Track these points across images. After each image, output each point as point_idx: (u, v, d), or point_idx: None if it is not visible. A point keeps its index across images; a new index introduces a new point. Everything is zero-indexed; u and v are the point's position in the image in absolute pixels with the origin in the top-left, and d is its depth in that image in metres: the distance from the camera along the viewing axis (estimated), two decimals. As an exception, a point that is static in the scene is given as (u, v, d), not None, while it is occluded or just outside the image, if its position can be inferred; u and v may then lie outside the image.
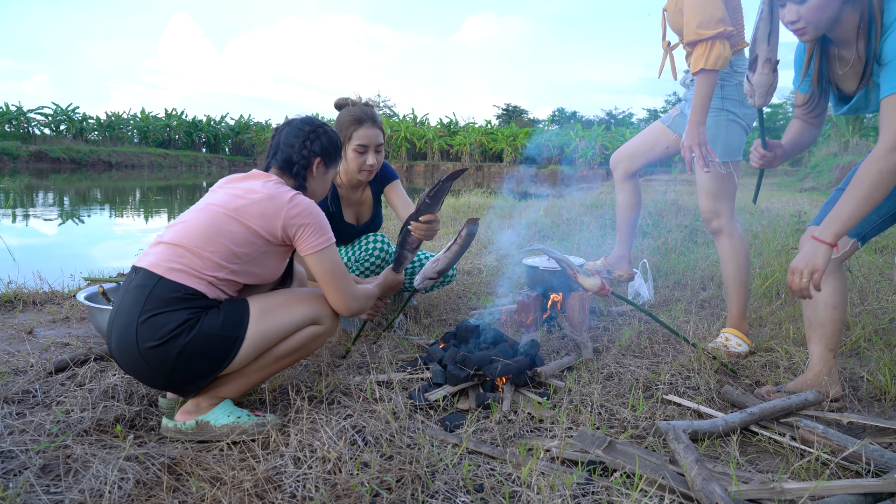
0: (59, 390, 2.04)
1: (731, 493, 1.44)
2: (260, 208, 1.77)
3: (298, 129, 1.97)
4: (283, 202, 1.79)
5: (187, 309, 1.68)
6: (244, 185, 1.84)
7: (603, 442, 1.67)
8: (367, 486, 1.50)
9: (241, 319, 1.75)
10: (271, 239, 1.80)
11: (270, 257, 1.84)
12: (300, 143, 1.95)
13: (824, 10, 1.65)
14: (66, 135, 27.52)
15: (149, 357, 1.65)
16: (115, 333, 1.69)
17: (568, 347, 2.63)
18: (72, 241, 6.84)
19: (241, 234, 1.76)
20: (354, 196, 2.85)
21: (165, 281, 1.68)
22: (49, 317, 3.03)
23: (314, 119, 2.03)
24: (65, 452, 1.64)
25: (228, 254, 1.74)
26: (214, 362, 1.72)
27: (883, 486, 1.42)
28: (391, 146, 32.26)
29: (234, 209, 1.77)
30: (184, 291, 1.68)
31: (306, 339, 1.88)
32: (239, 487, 1.49)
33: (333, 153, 2.03)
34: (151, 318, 1.65)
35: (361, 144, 2.59)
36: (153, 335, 1.64)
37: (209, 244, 1.73)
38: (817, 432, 1.76)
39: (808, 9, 1.67)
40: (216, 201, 1.80)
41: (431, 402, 2.04)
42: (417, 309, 3.17)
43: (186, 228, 1.76)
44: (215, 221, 1.75)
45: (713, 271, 4.04)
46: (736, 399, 2.07)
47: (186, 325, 1.66)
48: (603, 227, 5.65)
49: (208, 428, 1.76)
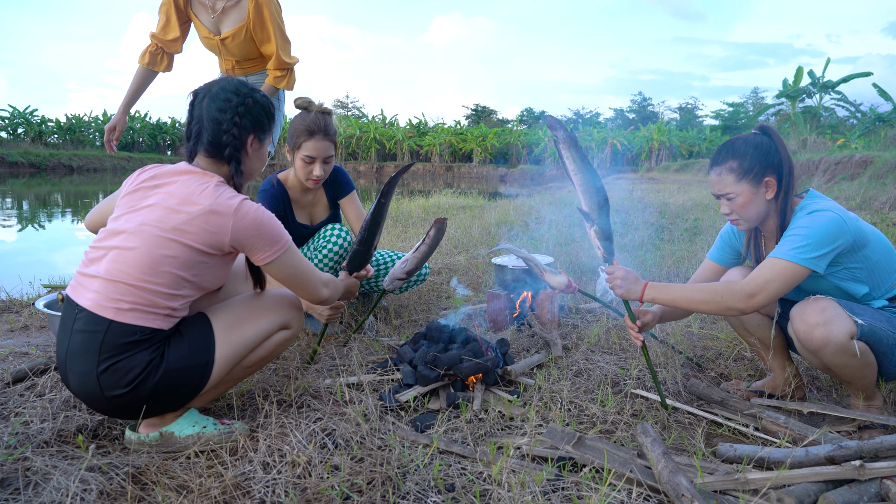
0: (17, 401, 1.98)
1: (697, 485, 1.47)
2: (202, 224, 1.56)
3: (224, 101, 1.65)
4: (228, 215, 1.57)
5: (148, 349, 1.57)
6: (178, 191, 1.59)
7: (572, 438, 1.69)
8: (338, 489, 1.49)
9: (207, 343, 1.66)
10: (217, 253, 1.62)
11: (219, 268, 1.68)
12: (228, 120, 1.64)
13: (751, 208, 1.88)
14: (24, 138, 26.78)
15: (120, 403, 1.58)
16: (74, 380, 1.57)
17: (538, 345, 2.65)
18: (31, 248, 6.65)
19: (186, 257, 1.56)
20: (306, 198, 2.83)
21: (117, 325, 1.53)
22: (7, 326, 2.94)
23: (240, 84, 1.70)
24: (24, 465, 1.59)
25: (176, 281, 1.57)
26: (190, 391, 1.66)
27: (841, 473, 1.46)
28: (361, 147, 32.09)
29: (171, 228, 1.55)
30: (140, 333, 1.54)
31: (276, 346, 1.84)
32: (206, 495, 1.46)
33: (267, 123, 1.75)
34: (111, 367, 1.54)
35: (309, 156, 2.56)
36: (118, 383, 1.55)
37: (153, 276, 1.54)
38: (780, 423, 1.81)
39: (737, 205, 1.89)
40: (150, 220, 1.56)
41: (402, 403, 2.03)
42: (387, 310, 3.16)
43: (123, 260, 1.55)
44: (154, 248, 1.54)
45: (679, 267, 4.12)
46: (702, 392, 2.11)
47: (151, 365, 1.57)
48: (571, 225, 5.71)
49: (173, 439, 1.71)
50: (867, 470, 1.45)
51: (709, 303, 1.80)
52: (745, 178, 1.85)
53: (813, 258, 1.72)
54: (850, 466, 1.46)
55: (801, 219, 1.79)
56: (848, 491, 1.43)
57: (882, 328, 1.78)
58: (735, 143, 1.89)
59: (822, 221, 1.75)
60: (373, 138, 32.38)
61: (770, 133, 1.89)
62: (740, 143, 1.88)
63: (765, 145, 1.86)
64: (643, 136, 31.19)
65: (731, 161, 1.87)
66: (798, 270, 1.73)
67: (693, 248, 4.80)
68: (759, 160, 1.84)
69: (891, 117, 16.83)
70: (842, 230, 1.74)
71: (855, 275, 1.84)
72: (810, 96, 20.17)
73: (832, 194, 9.91)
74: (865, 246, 1.80)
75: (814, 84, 19.62)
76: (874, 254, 1.82)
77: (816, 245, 1.72)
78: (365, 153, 32.58)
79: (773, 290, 1.74)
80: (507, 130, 35.28)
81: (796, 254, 1.73)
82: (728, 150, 1.89)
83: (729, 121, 34.96)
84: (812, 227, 1.74)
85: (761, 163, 1.84)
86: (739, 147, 1.87)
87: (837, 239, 1.74)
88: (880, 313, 1.82)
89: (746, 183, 1.85)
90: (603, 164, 28.19)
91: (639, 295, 1.90)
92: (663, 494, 1.49)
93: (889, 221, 6.38)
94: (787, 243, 1.76)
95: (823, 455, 1.53)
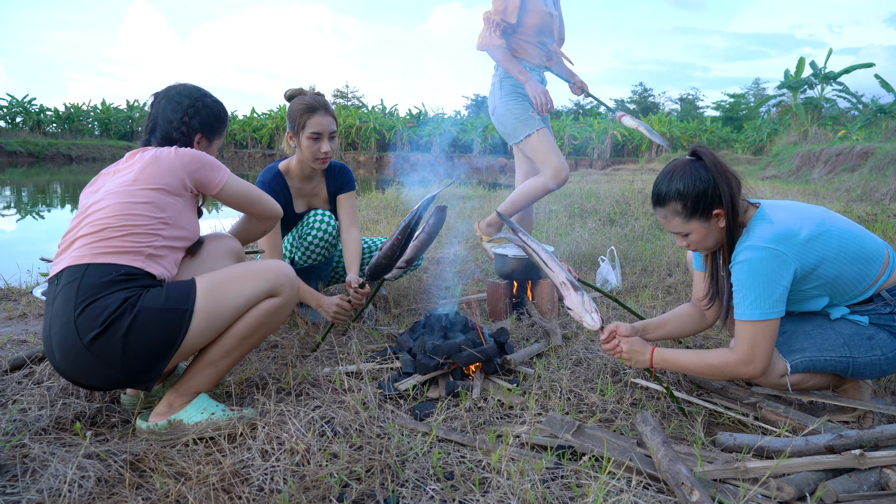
0: (15, 388, 1.98)
1: (696, 474, 1.47)
2: (154, 169, 1.71)
3: (177, 104, 1.86)
4: (170, 155, 1.74)
5: (126, 289, 1.58)
6: (127, 164, 1.77)
7: (572, 426, 1.68)
8: (336, 476, 1.48)
9: (187, 293, 1.65)
10: (182, 192, 1.75)
11: (188, 213, 1.79)
12: (178, 119, 1.85)
13: (708, 240, 1.84)
14: (23, 127, 26.70)
15: (95, 350, 1.54)
16: (56, 341, 1.57)
17: (537, 335, 2.64)
18: (30, 237, 6.64)
19: (156, 199, 1.69)
20: (307, 187, 2.81)
21: (94, 266, 1.58)
22: (5, 314, 2.93)
23: (194, 89, 1.92)
24: (21, 452, 1.59)
25: (154, 221, 1.67)
26: (167, 340, 1.61)
27: (841, 462, 1.46)
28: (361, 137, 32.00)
29: (132, 181, 1.70)
30: (117, 273, 1.58)
31: (266, 314, 1.77)
32: (205, 482, 1.46)
33: (216, 126, 1.94)
34: (87, 307, 1.54)
35: (315, 132, 2.58)
36: (93, 323, 1.53)
37: (132, 219, 1.64)
38: (779, 412, 1.81)
39: (693, 241, 1.85)
40: (111, 188, 1.71)
41: (401, 391, 2.03)
42: (387, 299, 3.15)
43: (97, 218, 1.65)
44: (125, 199, 1.67)
45: (679, 258, 4.11)
46: (700, 380, 2.10)
47: (127, 303, 1.56)
48: (571, 215, 5.69)
49: (182, 427, 1.70)
50: (867, 459, 1.44)
51: (712, 374, 1.82)
52: (693, 216, 1.78)
53: (770, 307, 1.70)
54: (850, 455, 1.46)
55: (739, 269, 1.74)
56: (848, 480, 1.43)
57: (827, 357, 1.78)
58: (672, 182, 1.79)
59: (757, 268, 1.70)
60: (372, 128, 32.23)
61: (704, 157, 1.78)
62: (677, 181, 1.78)
63: (703, 178, 1.75)
64: (644, 126, 31.01)
65: (674, 203, 1.79)
66: (768, 324, 1.71)
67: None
68: (702, 197, 1.75)
69: (892, 108, 16.77)
70: (782, 262, 1.69)
71: (810, 294, 1.81)
72: (812, 87, 20.07)
73: (832, 186, 9.90)
74: (819, 266, 1.73)
75: (815, 75, 19.52)
76: (832, 269, 1.74)
77: (765, 293, 1.69)
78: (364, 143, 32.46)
79: (762, 351, 1.73)
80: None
81: (754, 310, 1.71)
82: (667, 192, 1.80)
83: (730, 112, 34.84)
84: (752, 278, 1.70)
85: (705, 199, 1.75)
86: (678, 186, 1.77)
87: (781, 275, 1.69)
88: (833, 333, 1.80)
89: (696, 221, 1.79)
90: (603, 155, 28.11)
91: (647, 362, 1.87)
92: (663, 483, 1.49)
93: (890, 212, 6.37)
94: (742, 302, 1.73)
95: (823, 444, 1.52)
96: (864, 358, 1.77)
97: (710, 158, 1.78)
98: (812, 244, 1.73)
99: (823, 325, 1.84)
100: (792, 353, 1.80)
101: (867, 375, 1.81)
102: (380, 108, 35.10)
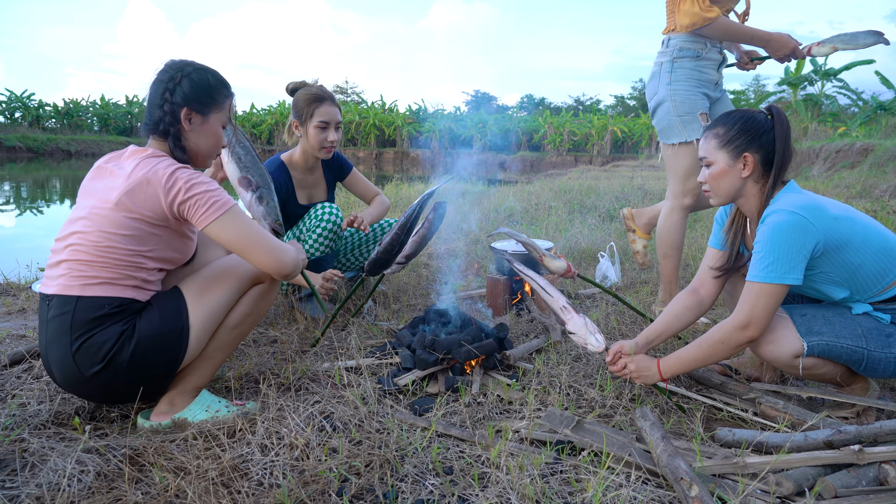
0: (14, 383, 1.98)
1: (695, 469, 1.47)
2: (140, 194, 1.58)
3: (158, 82, 1.71)
4: (160, 182, 1.58)
5: (118, 322, 1.58)
6: (120, 168, 1.64)
7: (571, 421, 1.68)
8: (336, 471, 1.48)
9: (178, 309, 1.65)
10: (164, 224, 1.64)
11: (175, 240, 1.70)
12: (160, 97, 1.69)
13: (724, 181, 1.86)
14: (22, 122, 26.66)
15: (99, 382, 1.58)
16: (56, 368, 1.60)
17: (537, 330, 2.64)
18: (30, 233, 6.63)
19: (135, 232, 1.60)
20: (309, 178, 2.84)
21: (85, 300, 1.56)
22: (4, 309, 2.93)
23: (177, 63, 1.75)
24: (20, 446, 1.59)
25: (133, 254, 1.61)
26: (169, 361, 1.66)
27: (840, 457, 1.46)
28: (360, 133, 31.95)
29: (115, 205, 1.57)
30: (109, 306, 1.57)
31: (254, 302, 1.80)
32: (204, 477, 1.46)
33: (204, 97, 1.73)
34: (84, 344, 1.55)
35: (323, 121, 2.66)
36: (93, 360, 1.56)
37: (112, 253, 1.58)
38: (778, 408, 1.81)
39: (712, 174, 1.87)
40: (99, 201, 1.61)
41: (400, 386, 2.03)
42: (386, 294, 3.15)
43: (81, 244, 1.59)
44: (105, 227, 1.58)
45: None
46: (701, 376, 2.10)
47: (123, 336, 1.58)
48: (571, 211, 5.69)
49: (186, 425, 1.71)
50: (866, 454, 1.45)
51: (718, 352, 1.77)
52: (726, 147, 1.83)
53: (786, 272, 1.68)
54: (849, 451, 1.46)
55: (763, 230, 1.74)
56: (846, 475, 1.43)
57: (843, 344, 1.75)
58: (733, 113, 1.87)
59: (782, 230, 1.69)
60: (372, 124, 32.21)
61: (774, 114, 1.84)
62: (737, 114, 1.85)
63: (759, 123, 1.82)
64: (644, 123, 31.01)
65: (720, 127, 1.85)
66: (776, 289, 1.70)
67: (692, 234, 4.79)
68: (746, 135, 1.81)
69: (892, 105, 16.74)
70: (805, 232, 1.68)
71: (832, 278, 1.79)
72: (812, 84, 20.02)
73: (832, 182, 9.89)
74: (843, 248, 1.73)
75: (815, 72, 19.48)
76: (855, 256, 1.74)
77: (784, 257, 1.68)
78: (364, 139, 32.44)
79: (761, 314, 1.71)
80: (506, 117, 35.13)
81: (768, 273, 1.69)
82: (723, 118, 1.88)
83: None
84: (774, 240, 1.69)
85: (746, 138, 1.81)
86: (734, 117, 1.85)
87: (804, 243, 1.68)
88: (853, 323, 1.78)
89: (725, 153, 1.83)
90: (603, 152, 28.07)
91: (657, 376, 1.86)
92: (662, 478, 1.49)
93: (889, 209, 6.36)
94: (759, 263, 1.72)
95: (822, 439, 1.53)
96: (880, 353, 1.75)
97: (778, 117, 1.83)
98: (839, 223, 1.73)
99: (845, 314, 1.82)
100: (811, 334, 1.77)
101: (879, 373, 1.79)
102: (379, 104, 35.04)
